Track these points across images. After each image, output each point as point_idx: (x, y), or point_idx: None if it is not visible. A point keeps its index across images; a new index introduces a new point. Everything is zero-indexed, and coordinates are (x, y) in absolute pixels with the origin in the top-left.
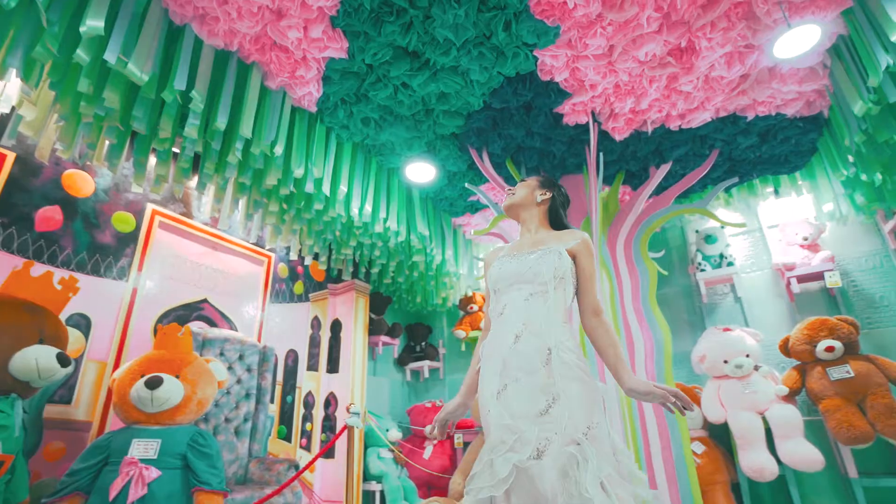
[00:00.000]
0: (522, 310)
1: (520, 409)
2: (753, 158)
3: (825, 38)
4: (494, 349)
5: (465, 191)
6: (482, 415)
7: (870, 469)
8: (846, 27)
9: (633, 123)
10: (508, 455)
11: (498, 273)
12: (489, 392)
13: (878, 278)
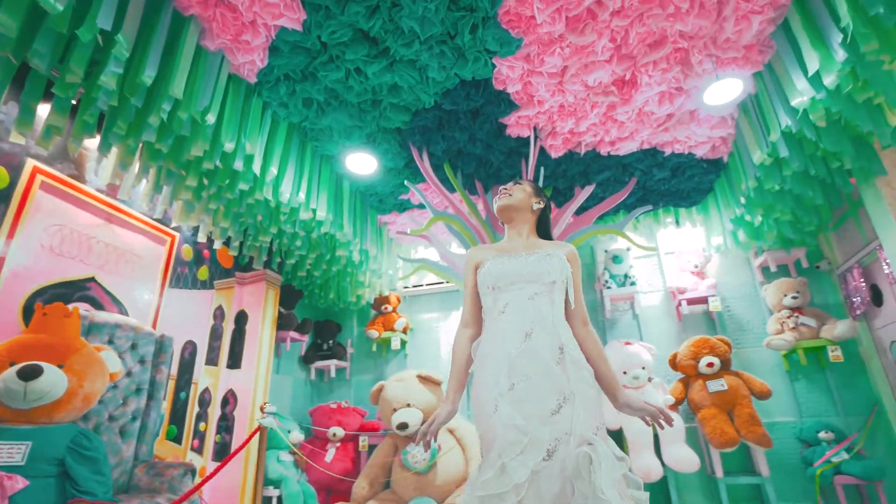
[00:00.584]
0: (529, 308)
1: (531, 409)
2: (663, 190)
3: (740, 93)
4: (498, 347)
5: (396, 188)
6: (482, 416)
7: (731, 469)
8: (755, 87)
9: (569, 143)
10: (522, 458)
11: (499, 270)
12: (495, 392)
13: (747, 306)
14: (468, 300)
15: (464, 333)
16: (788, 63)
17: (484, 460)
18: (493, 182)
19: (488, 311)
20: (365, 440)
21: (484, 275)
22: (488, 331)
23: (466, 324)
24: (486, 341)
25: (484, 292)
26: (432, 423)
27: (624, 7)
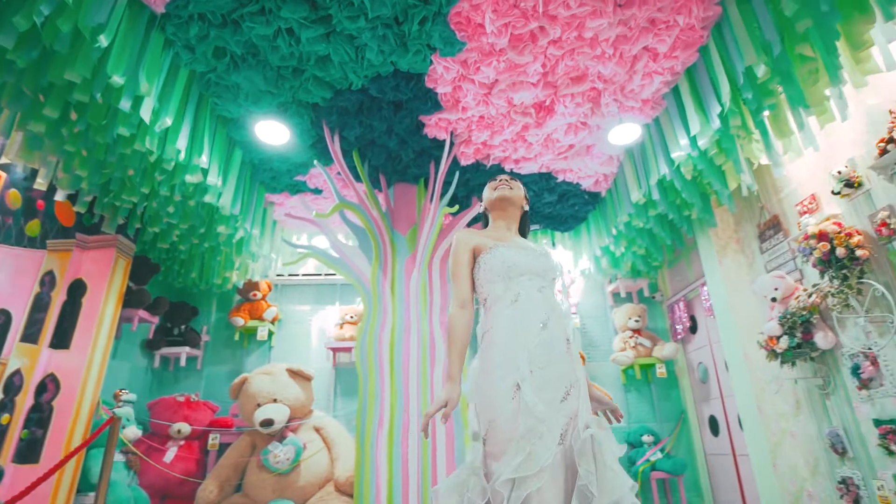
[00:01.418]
0: (541, 300)
1: (549, 396)
2: (547, 213)
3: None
4: (513, 336)
5: (295, 167)
6: (493, 401)
7: None
8: (642, 136)
9: (479, 154)
10: (543, 443)
11: (512, 259)
12: (513, 379)
13: (598, 325)
14: (465, 282)
15: (465, 315)
16: (674, 121)
17: (513, 447)
18: (397, 178)
19: (496, 298)
20: (216, 438)
21: (493, 261)
22: (498, 318)
23: (465, 305)
24: (498, 328)
25: (490, 279)
26: (444, 406)
27: (562, 39)
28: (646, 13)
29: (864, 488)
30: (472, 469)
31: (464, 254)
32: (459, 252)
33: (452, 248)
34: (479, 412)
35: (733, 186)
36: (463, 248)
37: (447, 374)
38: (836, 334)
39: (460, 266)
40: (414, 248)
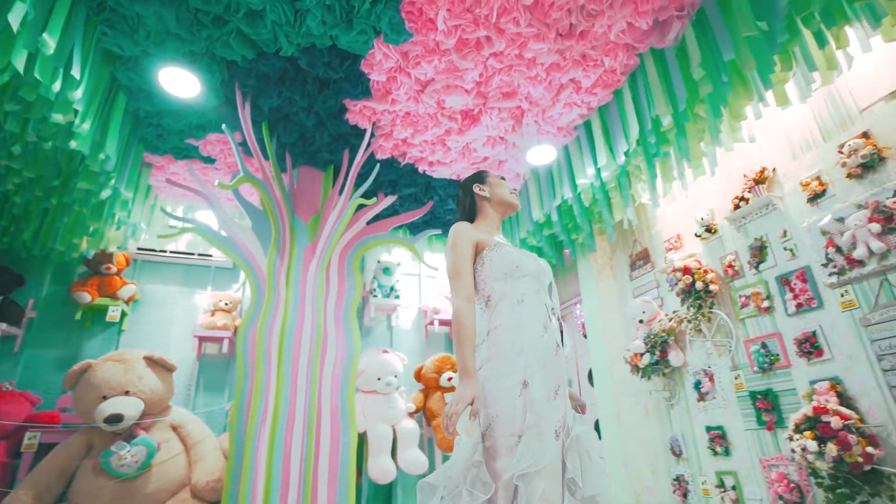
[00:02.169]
0: (540, 302)
1: (546, 394)
2: (448, 220)
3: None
4: (520, 334)
5: (189, 128)
6: (501, 397)
7: None
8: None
9: (396, 150)
10: (548, 439)
11: (518, 259)
12: (522, 376)
13: None
14: (469, 276)
15: (472, 309)
16: (584, 151)
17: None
18: (304, 161)
19: (502, 296)
20: (34, 437)
21: (500, 260)
22: (506, 316)
23: (470, 299)
24: (505, 326)
25: (496, 277)
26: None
27: (503, 53)
28: (581, 48)
29: (691, 484)
30: (471, 463)
31: (467, 247)
32: (462, 245)
33: (453, 240)
34: (480, 408)
35: (618, 218)
36: (466, 241)
37: (463, 370)
38: (685, 354)
39: (464, 260)
40: (315, 237)
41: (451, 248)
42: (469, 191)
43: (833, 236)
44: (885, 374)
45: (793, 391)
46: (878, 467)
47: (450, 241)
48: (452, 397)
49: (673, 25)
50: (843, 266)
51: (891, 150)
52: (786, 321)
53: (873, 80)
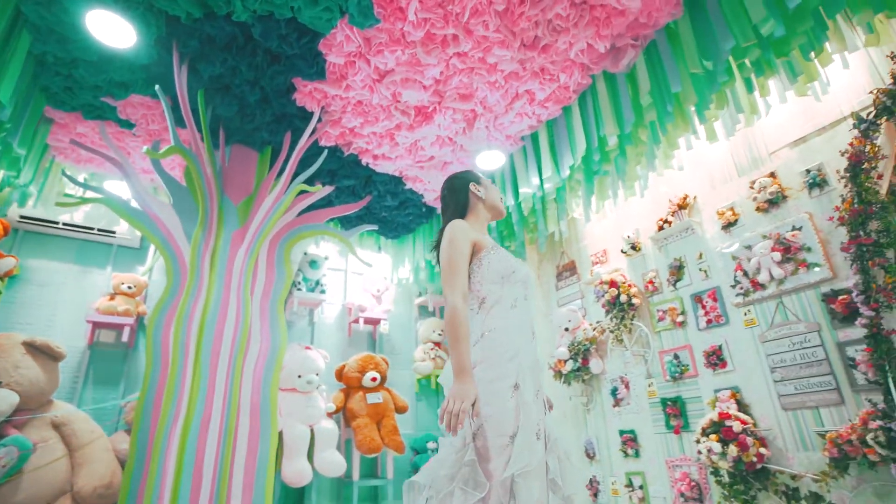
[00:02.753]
0: (528, 309)
1: (532, 398)
2: (383, 216)
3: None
4: (513, 338)
5: (107, 85)
6: (494, 399)
7: (363, 473)
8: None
9: (341, 139)
10: (538, 440)
11: (513, 265)
12: (513, 379)
13: (402, 334)
14: (465, 275)
15: (466, 308)
16: (529, 161)
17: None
18: (239, 139)
19: (497, 300)
20: None
21: (498, 263)
22: (500, 319)
23: (466, 298)
24: (501, 330)
25: (493, 279)
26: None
27: (467, 55)
28: (541, 61)
29: (602, 484)
30: (464, 462)
31: (466, 246)
32: (462, 243)
33: (452, 236)
34: (485, 407)
35: (552, 229)
36: (465, 239)
37: (460, 368)
38: (605, 362)
39: (462, 257)
40: (245, 221)
41: (450, 244)
42: (465, 188)
43: (741, 261)
44: (775, 384)
45: (699, 398)
46: (767, 466)
47: (448, 237)
48: (450, 395)
49: (627, 52)
50: (748, 288)
51: (791, 191)
52: (697, 335)
53: (783, 129)
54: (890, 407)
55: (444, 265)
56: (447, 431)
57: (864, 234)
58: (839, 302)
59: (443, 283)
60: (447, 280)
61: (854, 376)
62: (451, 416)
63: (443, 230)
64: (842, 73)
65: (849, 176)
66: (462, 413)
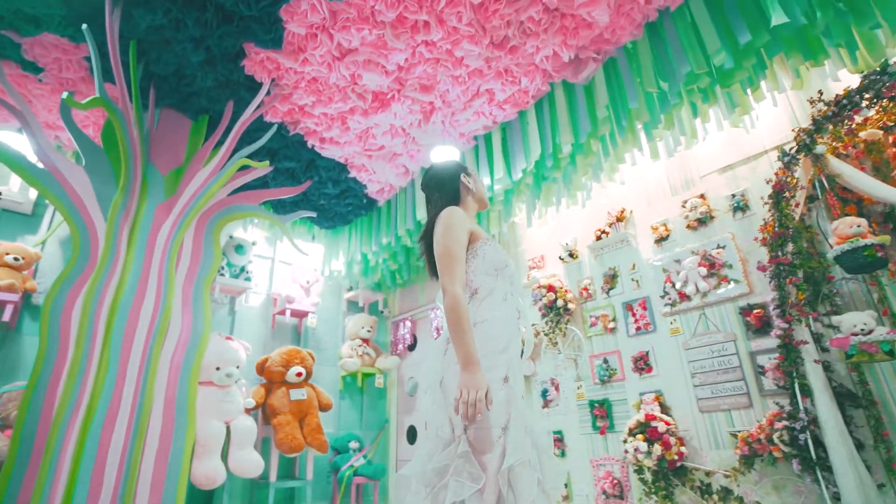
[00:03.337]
0: (514, 304)
1: (520, 392)
2: (321, 204)
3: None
4: (505, 332)
5: (13, 17)
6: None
7: (280, 474)
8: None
9: (289, 117)
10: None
11: (506, 258)
12: (503, 371)
13: (329, 328)
14: (463, 262)
15: (465, 299)
16: (480, 161)
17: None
18: (170, 102)
19: (489, 291)
20: None
21: (494, 255)
22: (492, 311)
23: (464, 287)
24: (493, 322)
25: (487, 271)
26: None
27: (436, 44)
28: (507, 62)
29: None
30: (458, 454)
31: (464, 234)
32: (460, 231)
33: (450, 223)
34: (465, 399)
35: (494, 232)
36: (463, 228)
37: (469, 359)
38: (536, 364)
39: (461, 246)
40: (172, 195)
41: (448, 230)
42: (455, 179)
43: (671, 274)
44: (694, 388)
45: (625, 401)
46: (685, 464)
47: (445, 223)
48: (461, 385)
49: (588, 65)
50: (675, 299)
51: (718, 212)
52: (626, 341)
53: (713, 156)
54: (795, 409)
55: (442, 253)
56: (465, 422)
57: (782, 254)
58: (754, 315)
59: (440, 272)
60: (445, 268)
61: (762, 382)
62: (469, 406)
63: (433, 218)
64: (766, 111)
65: (772, 202)
66: (479, 402)
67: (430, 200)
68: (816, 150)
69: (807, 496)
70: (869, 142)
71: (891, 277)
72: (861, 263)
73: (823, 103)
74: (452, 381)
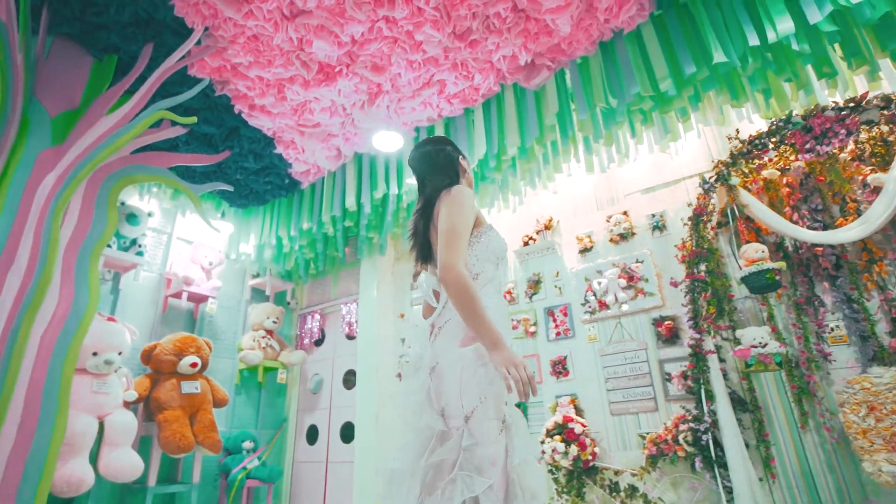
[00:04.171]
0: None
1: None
2: (237, 178)
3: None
4: (502, 323)
5: None
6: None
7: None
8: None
9: (217, 74)
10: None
11: (506, 250)
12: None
13: (228, 316)
14: (466, 244)
15: (473, 283)
16: None
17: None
18: (68, 31)
19: (488, 279)
20: None
21: (495, 242)
22: (492, 298)
23: (469, 271)
24: (492, 310)
25: (488, 258)
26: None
27: (397, 22)
28: (465, 55)
29: None
30: (463, 447)
31: (472, 215)
32: (470, 211)
33: (461, 201)
34: (464, 392)
35: None
36: (472, 209)
37: (496, 339)
38: None
39: (467, 227)
40: (61, 142)
41: (460, 208)
42: (454, 162)
43: (592, 283)
44: (608, 392)
45: (541, 403)
46: (596, 464)
47: (457, 201)
48: (502, 365)
49: (542, 72)
50: (595, 307)
51: (638, 229)
52: (546, 345)
53: (637, 177)
54: (700, 412)
55: (449, 228)
56: (522, 399)
57: (697, 272)
58: (665, 326)
59: (444, 248)
60: (450, 245)
61: (668, 388)
62: (524, 384)
63: (431, 197)
64: (686, 142)
65: (691, 224)
66: (531, 378)
67: (423, 180)
68: (731, 181)
69: (700, 491)
70: (768, 180)
71: (777, 299)
72: (763, 284)
73: (739, 141)
74: (448, 368)
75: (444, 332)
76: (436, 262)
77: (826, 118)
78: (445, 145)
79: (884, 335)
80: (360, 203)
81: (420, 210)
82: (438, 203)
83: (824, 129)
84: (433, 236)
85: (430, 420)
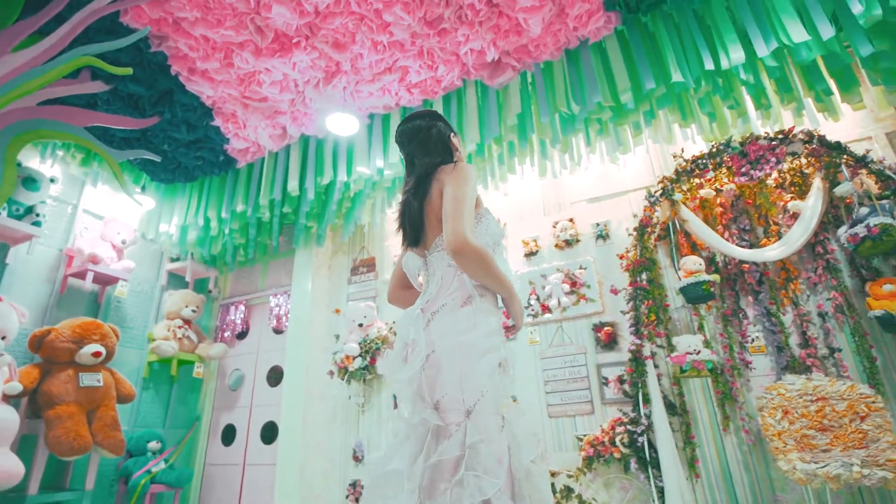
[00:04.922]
0: None
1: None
2: (164, 149)
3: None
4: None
5: None
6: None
7: (44, 483)
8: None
9: (158, 27)
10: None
11: (503, 235)
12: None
13: (140, 301)
14: (473, 216)
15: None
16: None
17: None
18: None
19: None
20: None
21: (494, 225)
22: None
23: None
24: (490, 296)
25: (484, 240)
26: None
27: (368, 0)
28: (432, 43)
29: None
30: (467, 444)
31: (475, 193)
32: (474, 187)
33: (469, 175)
34: (465, 383)
35: (366, 220)
36: (476, 186)
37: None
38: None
39: (472, 202)
40: None
41: (467, 181)
42: (446, 139)
43: (536, 287)
44: (546, 395)
45: None
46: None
47: (464, 175)
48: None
49: (507, 72)
50: (538, 311)
51: (583, 237)
52: None
53: (584, 186)
54: (637, 415)
55: (459, 197)
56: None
57: (639, 280)
58: (604, 332)
59: (455, 217)
60: (461, 215)
61: (605, 392)
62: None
63: (427, 174)
64: (633, 157)
65: (637, 234)
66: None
67: (412, 158)
68: (674, 196)
69: (631, 491)
70: (704, 199)
71: (707, 310)
72: (699, 295)
73: (684, 159)
74: (447, 356)
75: (438, 317)
76: (428, 244)
77: (760, 146)
78: (437, 120)
79: (795, 347)
80: (304, 188)
81: (412, 190)
82: (434, 181)
83: (758, 155)
84: (428, 216)
85: (425, 415)
